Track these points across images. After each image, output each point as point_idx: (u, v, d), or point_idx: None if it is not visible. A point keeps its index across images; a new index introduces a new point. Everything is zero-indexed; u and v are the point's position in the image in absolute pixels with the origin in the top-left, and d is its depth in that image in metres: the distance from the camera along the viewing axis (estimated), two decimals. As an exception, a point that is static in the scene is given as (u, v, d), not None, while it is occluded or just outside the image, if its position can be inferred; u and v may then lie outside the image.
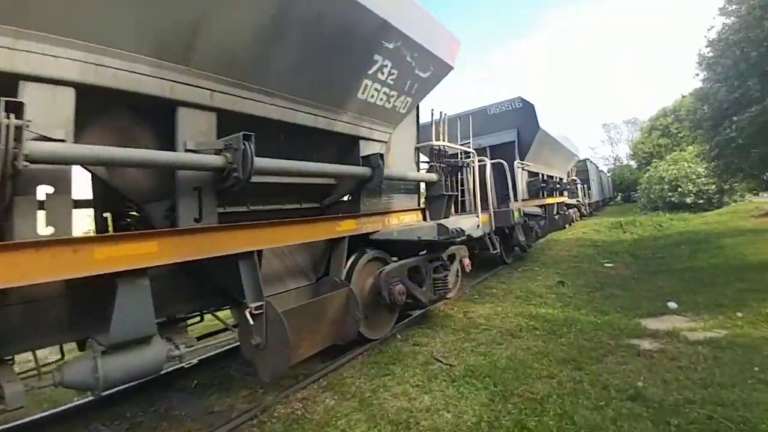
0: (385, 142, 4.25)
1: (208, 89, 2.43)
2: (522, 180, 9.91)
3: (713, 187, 16.04)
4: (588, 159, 24.63)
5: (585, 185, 22.31)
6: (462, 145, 9.56)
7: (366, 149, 3.92)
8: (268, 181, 2.99)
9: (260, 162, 2.49)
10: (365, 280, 4.07)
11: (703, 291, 5.36)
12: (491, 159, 8.94)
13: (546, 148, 11.00)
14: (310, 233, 3.30)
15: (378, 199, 4.19)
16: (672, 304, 4.85)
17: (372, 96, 3.70)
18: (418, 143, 4.88)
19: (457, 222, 4.86)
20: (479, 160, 7.89)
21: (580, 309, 5.01)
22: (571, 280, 6.62)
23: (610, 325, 4.25)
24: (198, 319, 3.43)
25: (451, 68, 4.45)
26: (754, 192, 14.70)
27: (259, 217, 3.32)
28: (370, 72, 3.48)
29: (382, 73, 3.61)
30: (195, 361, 4.05)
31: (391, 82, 3.77)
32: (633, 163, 42.72)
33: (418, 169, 4.93)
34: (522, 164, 9.46)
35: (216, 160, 2.32)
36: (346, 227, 3.70)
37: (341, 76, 3.29)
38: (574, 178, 18.30)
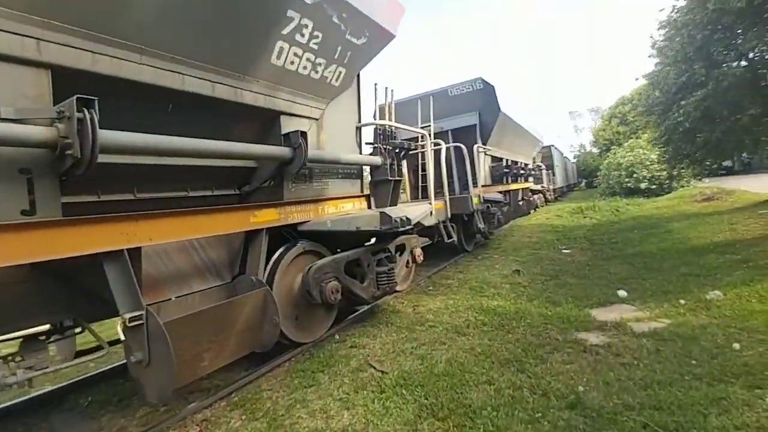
0: (316, 119, 3.72)
1: (32, 37, 1.82)
2: (484, 165, 9.65)
3: (665, 173, 16.59)
4: (553, 145, 24.93)
5: (550, 171, 22.63)
6: (422, 128, 9.21)
7: (288, 126, 3.39)
8: (146, 163, 2.43)
9: (114, 137, 1.93)
10: (295, 277, 3.59)
11: (651, 277, 5.27)
12: (453, 143, 8.67)
13: (509, 133, 10.77)
14: (210, 226, 2.76)
15: (308, 184, 3.68)
16: (622, 293, 4.69)
17: (292, 62, 3.15)
18: (360, 122, 4.37)
19: (403, 210, 4.45)
20: (434, 144, 7.53)
21: (532, 300, 4.76)
22: (528, 268, 6.42)
23: (560, 317, 4.00)
24: (78, 330, 2.84)
25: (392, 36, 3.95)
26: (698, 178, 15.26)
27: (152, 206, 2.75)
28: (284, 32, 2.92)
29: (302, 35, 3.06)
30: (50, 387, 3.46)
31: (315, 47, 3.23)
32: (595, 150, 44.19)
33: (361, 152, 4.45)
34: (484, 149, 9.17)
35: (39, 133, 1.74)
36: (265, 218, 3.19)
37: (244, 32, 2.72)
38: (539, 164, 18.43)
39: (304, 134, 3.16)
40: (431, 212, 5.33)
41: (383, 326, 4.20)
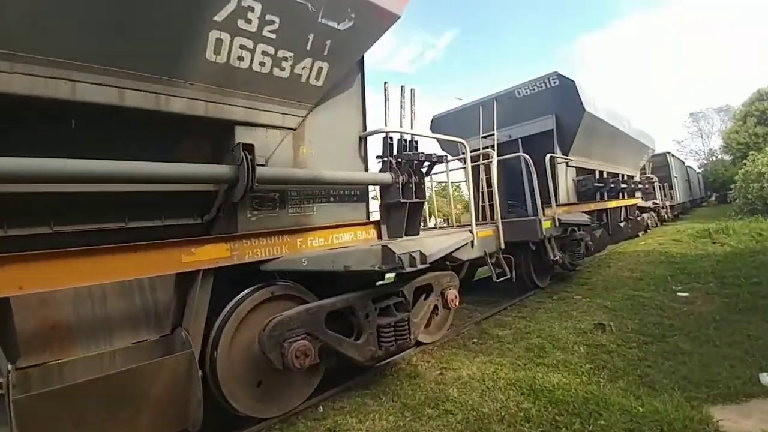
0: (292, 129, 2.95)
1: None
2: (565, 179, 7.89)
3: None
4: (669, 153, 20.58)
5: (666, 184, 18.57)
6: (485, 137, 7.89)
7: (249, 139, 2.67)
8: (48, 191, 1.91)
9: None
10: (255, 332, 2.79)
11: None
12: (524, 152, 7.18)
13: (601, 139, 8.76)
14: (118, 269, 2.13)
15: (279, 211, 2.90)
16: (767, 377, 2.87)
17: (240, 58, 2.43)
18: (364, 130, 3.48)
19: (422, 243, 3.40)
20: (483, 155, 6.26)
21: (617, 379, 3.19)
22: (619, 320, 4.65)
23: (657, 419, 2.48)
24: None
25: (394, 17, 3.02)
26: None
27: (77, 241, 2.24)
28: (218, 18, 2.22)
29: (247, 21, 2.33)
30: None
31: (272, 36, 2.47)
32: (727, 157, 36.02)
33: (367, 167, 3.53)
34: (564, 159, 7.47)
35: None
36: (206, 255, 2.48)
37: (157, 23, 2.08)
38: (651, 176, 15.14)
39: (249, 147, 2.39)
40: (472, 242, 4.11)
41: (386, 399, 3.14)
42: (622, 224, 10.62)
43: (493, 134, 7.59)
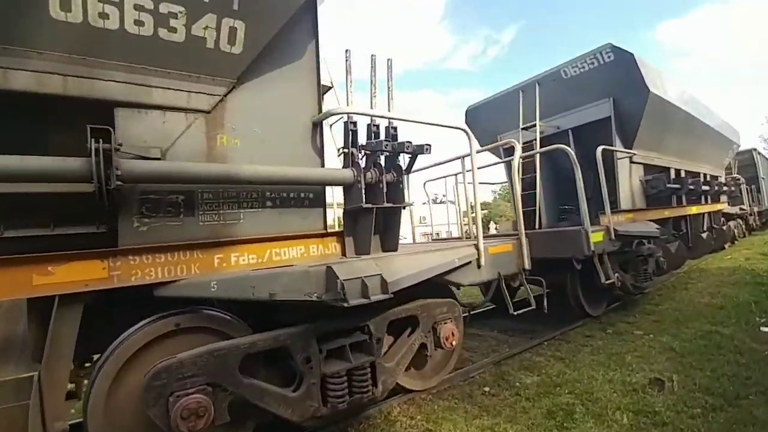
0: (204, 112, 2.27)
1: None
2: (629, 179, 6.41)
3: None
4: (755, 149, 17.10)
5: (753, 186, 15.33)
6: (525, 129, 6.68)
7: (137, 123, 2.04)
8: None
9: None
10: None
11: None
12: (576, 146, 5.92)
13: (674, 129, 7.08)
14: None
15: (184, 218, 2.22)
16: None
17: (103, 15, 1.81)
18: (320, 113, 2.71)
19: (389, 263, 2.57)
20: (505, 150, 5.19)
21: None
22: (687, 369, 3.30)
23: None
24: None
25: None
26: None
27: None
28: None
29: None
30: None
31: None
32: None
33: (323, 159, 2.74)
34: (626, 153, 6.04)
35: None
36: (69, 276, 1.87)
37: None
38: (737, 176, 12.47)
39: (103, 133, 1.75)
40: (479, 261, 3.11)
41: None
42: (704, 235, 8.59)
43: (535, 125, 6.39)
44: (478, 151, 5.16)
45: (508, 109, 6.99)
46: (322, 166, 2.76)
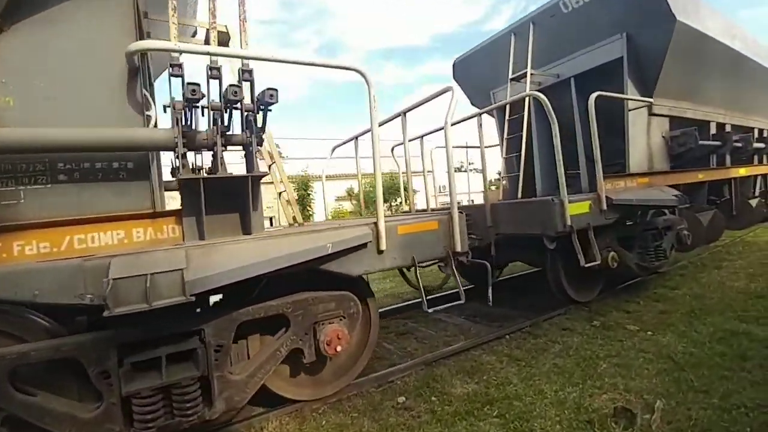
0: None
1: None
2: (647, 135, 5.21)
3: None
4: None
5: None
6: (517, 80, 5.55)
7: None
8: None
9: None
10: None
11: None
12: (579, 98, 4.83)
13: (715, 70, 5.64)
14: None
15: None
16: None
17: None
18: (137, 39, 2.00)
19: (218, 251, 1.95)
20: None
21: None
22: (684, 390, 2.43)
23: None
24: None
25: None
26: None
27: None
28: None
29: None
30: None
31: None
32: None
33: (146, 120, 2.07)
34: (641, 102, 4.84)
35: None
36: None
37: None
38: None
39: None
40: (378, 243, 2.38)
41: None
42: (754, 201, 7.11)
43: (525, 74, 5.29)
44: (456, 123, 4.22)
45: (500, 58, 5.86)
46: (153, 123, 2.10)
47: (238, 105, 2.06)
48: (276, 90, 1.98)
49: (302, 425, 2.42)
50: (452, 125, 3.00)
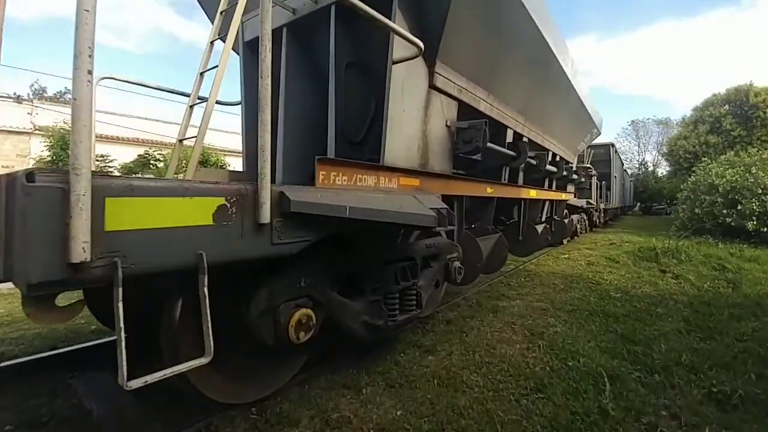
0: None
1: None
2: (421, 111, 3.48)
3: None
4: (612, 145, 17.62)
5: (603, 182, 15.44)
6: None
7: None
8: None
9: None
10: None
11: None
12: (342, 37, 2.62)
13: (519, 60, 4.43)
14: None
15: None
16: None
17: None
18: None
19: None
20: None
21: None
22: None
23: None
24: None
25: None
26: None
27: None
28: None
29: None
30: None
31: None
32: (665, 165, 37.79)
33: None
34: (415, 46, 2.99)
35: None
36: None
37: None
38: (589, 166, 11.63)
39: None
40: None
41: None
42: (540, 228, 6.62)
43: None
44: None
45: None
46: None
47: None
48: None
49: None
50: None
